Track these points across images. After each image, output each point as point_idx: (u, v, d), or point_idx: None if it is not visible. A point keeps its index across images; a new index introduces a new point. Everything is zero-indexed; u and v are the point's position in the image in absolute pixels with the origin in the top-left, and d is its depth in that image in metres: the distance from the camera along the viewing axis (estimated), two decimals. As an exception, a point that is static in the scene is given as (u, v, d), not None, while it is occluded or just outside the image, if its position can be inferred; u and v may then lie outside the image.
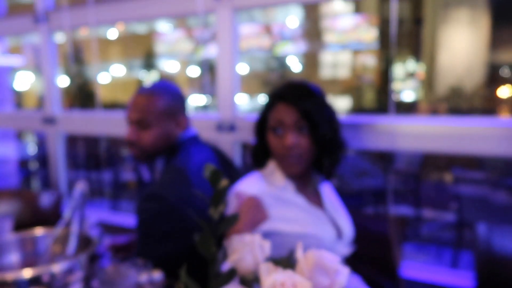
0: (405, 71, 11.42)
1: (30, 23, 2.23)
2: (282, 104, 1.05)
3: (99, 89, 12.23)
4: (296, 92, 1.06)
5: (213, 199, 0.58)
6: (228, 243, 0.59)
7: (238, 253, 0.56)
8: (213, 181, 0.58)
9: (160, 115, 1.19)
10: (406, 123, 1.45)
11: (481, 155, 1.41)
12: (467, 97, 10.35)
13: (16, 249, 0.96)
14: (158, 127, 1.19)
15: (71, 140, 4.45)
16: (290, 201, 1.07)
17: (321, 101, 1.08)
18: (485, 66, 10.43)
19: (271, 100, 1.08)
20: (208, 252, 0.57)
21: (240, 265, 0.56)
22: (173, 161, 1.18)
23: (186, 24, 12.89)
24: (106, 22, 2.10)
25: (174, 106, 1.23)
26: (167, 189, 1.07)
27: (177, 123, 1.23)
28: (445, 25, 10.99)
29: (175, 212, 1.05)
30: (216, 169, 0.58)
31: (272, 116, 1.06)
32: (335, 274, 0.54)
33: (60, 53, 2.34)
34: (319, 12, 11.85)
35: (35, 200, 1.79)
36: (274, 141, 1.06)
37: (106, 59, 14.15)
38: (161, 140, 1.20)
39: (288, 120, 1.04)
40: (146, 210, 1.06)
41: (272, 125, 1.06)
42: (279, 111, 1.05)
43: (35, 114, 2.40)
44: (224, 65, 1.76)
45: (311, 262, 0.53)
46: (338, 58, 12.21)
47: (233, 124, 1.75)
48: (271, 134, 1.07)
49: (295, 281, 0.45)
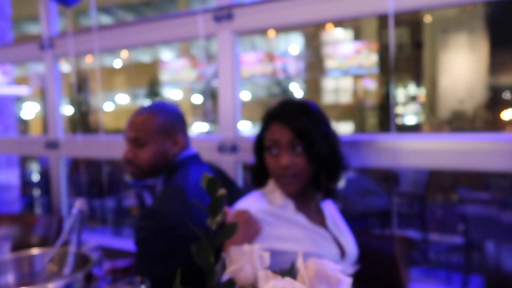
0: (406, 95, 11.50)
1: (36, 50, 2.28)
2: (277, 123, 1.05)
3: (103, 115, 12.35)
4: (290, 111, 1.05)
5: (210, 208, 0.57)
6: (226, 254, 0.57)
7: (237, 263, 0.54)
8: (210, 190, 0.57)
9: (156, 133, 1.20)
10: (408, 139, 1.44)
11: (485, 171, 1.39)
12: (469, 120, 10.36)
13: (13, 269, 0.94)
14: (154, 145, 1.19)
15: (74, 168, 4.45)
16: (291, 219, 1.05)
17: (317, 118, 1.06)
18: (485, 89, 10.50)
19: (266, 120, 1.08)
20: (205, 263, 0.56)
21: (239, 276, 0.54)
22: (171, 180, 1.17)
23: (189, 53, 13.14)
24: (110, 49, 2.14)
25: (170, 125, 1.22)
26: (166, 206, 1.05)
27: (174, 142, 1.22)
28: (445, 50, 11.14)
29: (174, 229, 1.03)
30: (213, 178, 0.57)
31: (267, 136, 1.06)
32: (337, 284, 0.52)
33: (66, 82, 2.38)
34: (320, 39, 12.07)
35: (36, 224, 1.78)
36: (271, 161, 1.05)
37: (111, 87, 14.37)
38: (158, 158, 1.20)
39: (282, 140, 1.03)
40: (145, 227, 1.04)
41: (267, 145, 1.06)
42: (273, 131, 1.05)
43: (38, 138, 2.41)
44: (226, 86, 1.78)
45: (312, 271, 0.52)
46: (339, 84, 12.34)
47: (234, 145, 1.75)
48: (268, 154, 1.06)
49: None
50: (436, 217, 4.79)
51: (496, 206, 2.92)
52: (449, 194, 5.28)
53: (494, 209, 2.84)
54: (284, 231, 1.02)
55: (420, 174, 4.11)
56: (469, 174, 5.44)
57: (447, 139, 1.41)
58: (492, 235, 2.64)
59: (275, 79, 11.86)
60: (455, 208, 4.66)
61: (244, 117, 12.34)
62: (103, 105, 14.00)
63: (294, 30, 12.08)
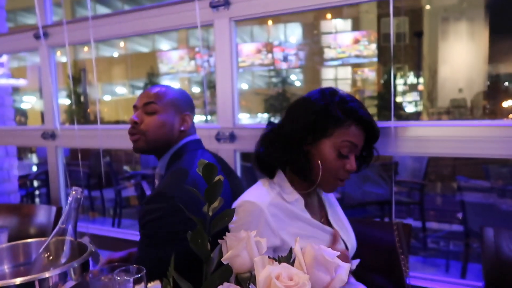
0: (406, 85, 11.46)
1: (31, 40, 2.25)
2: (357, 127, 1.01)
3: (98, 106, 12.28)
4: (372, 122, 1.03)
5: (206, 194, 0.56)
6: (223, 241, 0.57)
7: (233, 250, 0.53)
8: (206, 176, 0.56)
9: (168, 105, 1.20)
10: (407, 127, 1.43)
11: (484, 157, 1.38)
12: (468, 109, 10.34)
13: (8, 258, 0.94)
14: (163, 115, 1.19)
15: (73, 162, 4.44)
16: (299, 217, 1.03)
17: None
18: (485, 78, 10.46)
19: (345, 118, 1.00)
20: (201, 249, 0.55)
21: (235, 262, 0.53)
22: (178, 162, 1.16)
23: (187, 44, 13.05)
24: (106, 38, 2.11)
25: (182, 103, 1.24)
26: (174, 188, 1.04)
27: (182, 120, 1.23)
28: (445, 38, 11.08)
29: (182, 211, 1.01)
30: (210, 164, 0.56)
31: (345, 138, 1.00)
32: (336, 269, 0.51)
33: (64, 74, 2.35)
34: (319, 29, 11.99)
35: (34, 214, 1.77)
36: (337, 162, 1.00)
37: (109, 79, 14.29)
38: (164, 129, 1.19)
39: (359, 145, 1.02)
40: (152, 210, 1.03)
41: (344, 146, 1.00)
42: (354, 135, 1.01)
43: (35, 129, 2.40)
44: (224, 74, 1.76)
45: (309, 257, 0.51)
46: (338, 73, 12.28)
47: (233, 133, 1.74)
48: (334, 153, 1.00)
49: (291, 273, 0.43)
50: (435, 206, 4.80)
51: (495, 194, 2.92)
52: (448, 183, 5.29)
53: (493, 197, 2.85)
54: (294, 228, 1.01)
55: (419, 163, 4.10)
56: (468, 163, 5.44)
57: (446, 126, 1.40)
58: (491, 223, 2.64)
59: (274, 69, 11.79)
60: (454, 197, 4.67)
61: (243, 108, 12.28)
62: (101, 96, 13.95)
63: (292, 20, 11.99)
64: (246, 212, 0.97)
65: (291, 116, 1.05)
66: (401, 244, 1.31)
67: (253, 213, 0.96)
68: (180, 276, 0.52)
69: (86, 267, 0.88)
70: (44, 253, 0.89)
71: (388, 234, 1.33)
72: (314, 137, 1.01)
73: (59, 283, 0.81)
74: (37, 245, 0.97)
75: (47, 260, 0.89)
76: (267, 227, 0.97)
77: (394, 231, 1.32)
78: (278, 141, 1.04)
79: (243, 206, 0.98)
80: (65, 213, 0.91)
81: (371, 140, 1.07)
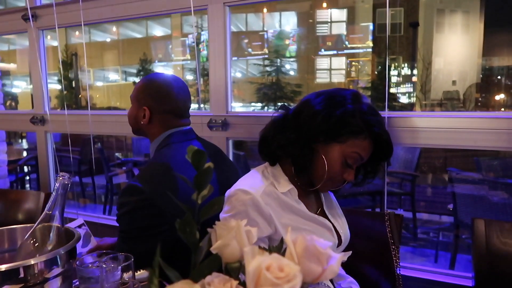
0: (399, 76, 11.46)
1: (20, 22, 2.19)
2: (371, 144, 0.99)
3: (92, 91, 12.11)
4: (389, 145, 1.02)
5: (195, 182, 0.54)
6: (212, 230, 0.55)
7: (223, 239, 0.52)
8: (195, 162, 0.54)
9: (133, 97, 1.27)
10: (400, 116, 1.42)
11: (476, 149, 1.38)
12: (460, 101, 10.39)
13: (-7, 245, 0.92)
14: (131, 108, 1.28)
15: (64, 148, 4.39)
16: (292, 207, 1.01)
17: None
18: (478, 71, 10.50)
19: (363, 130, 0.97)
20: (190, 239, 0.53)
21: (225, 252, 0.52)
22: (156, 155, 1.14)
23: (181, 31, 12.89)
24: (97, 21, 2.06)
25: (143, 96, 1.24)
26: (146, 182, 1.02)
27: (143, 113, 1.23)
28: (440, 30, 11.07)
29: (153, 206, 1.00)
30: (199, 150, 0.54)
31: (356, 150, 0.98)
32: (327, 260, 0.50)
33: (56, 58, 2.30)
34: (314, 18, 11.91)
35: (22, 200, 1.74)
36: (340, 169, 0.99)
37: (102, 64, 14.11)
38: (131, 120, 1.28)
39: (365, 159, 1.01)
40: (124, 203, 1.02)
41: (351, 157, 0.98)
42: (365, 149, 0.99)
43: (24, 114, 2.35)
44: (217, 60, 1.73)
45: (301, 247, 0.49)
46: (332, 63, 12.24)
47: (225, 121, 1.71)
48: (340, 160, 0.98)
49: (282, 264, 0.41)
50: (426, 197, 4.83)
51: (487, 186, 2.94)
52: (439, 175, 5.32)
53: (484, 189, 2.87)
54: (286, 219, 0.99)
55: (411, 154, 4.12)
56: (460, 155, 5.47)
57: (438, 117, 1.39)
58: (481, 214, 2.66)
59: (268, 58, 11.71)
60: (445, 188, 4.71)
61: (236, 97, 12.22)
62: (93, 82, 13.77)
63: (288, 8, 11.88)
64: (240, 201, 0.95)
65: (311, 109, 0.99)
66: (392, 234, 1.31)
67: (246, 202, 0.95)
68: (167, 265, 0.50)
69: (73, 254, 0.86)
70: (30, 240, 0.87)
71: (380, 224, 1.33)
72: (326, 138, 0.97)
73: (45, 270, 0.79)
74: (23, 231, 0.95)
75: (33, 247, 0.87)
76: (261, 216, 0.95)
77: (385, 222, 1.32)
78: (289, 130, 1.00)
79: (237, 195, 0.96)
80: (51, 199, 0.89)
81: (381, 158, 1.05)
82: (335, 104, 0.98)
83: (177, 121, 1.24)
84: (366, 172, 1.09)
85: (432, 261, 3.18)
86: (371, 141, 0.99)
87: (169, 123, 1.22)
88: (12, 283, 0.75)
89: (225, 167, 1.30)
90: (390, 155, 1.03)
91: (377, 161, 1.06)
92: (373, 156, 1.03)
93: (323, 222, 1.06)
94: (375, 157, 1.04)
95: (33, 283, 0.77)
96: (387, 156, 1.04)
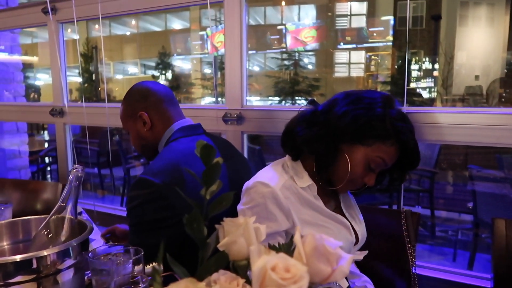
0: (420, 70, 11.22)
1: (40, 15, 2.22)
2: (397, 151, 0.97)
3: (112, 84, 12.24)
4: (415, 155, 1.01)
5: (204, 177, 0.53)
6: (220, 226, 0.54)
7: (230, 236, 0.51)
8: (204, 157, 0.53)
9: (124, 120, 1.26)
10: (417, 112, 1.38)
11: (498, 146, 1.34)
12: (483, 97, 10.11)
13: (8, 235, 0.93)
14: (131, 131, 1.25)
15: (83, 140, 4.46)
16: (311, 204, 1.00)
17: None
18: (502, 65, 10.18)
19: (391, 136, 0.95)
20: (197, 234, 0.52)
21: (232, 249, 0.51)
22: (166, 149, 1.15)
23: (200, 24, 12.91)
24: (115, 14, 2.07)
25: (130, 108, 1.23)
26: (156, 175, 1.02)
27: (140, 122, 1.21)
28: (463, 24, 10.77)
29: (163, 199, 1.00)
30: (208, 144, 0.53)
31: (380, 155, 0.96)
32: (337, 261, 0.49)
33: (76, 51, 2.33)
34: (333, 11, 11.75)
35: (40, 190, 1.77)
36: (362, 172, 0.97)
37: (121, 57, 14.28)
38: (139, 140, 1.24)
39: (389, 166, 0.99)
40: (134, 197, 1.02)
41: (375, 162, 0.97)
42: (390, 155, 0.97)
43: (44, 106, 2.39)
44: (233, 54, 1.72)
45: (310, 247, 0.48)
46: (352, 57, 12.08)
47: (240, 115, 1.70)
48: (363, 162, 0.97)
49: (288, 265, 0.40)
50: (445, 195, 4.74)
51: (508, 185, 2.86)
52: (459, 172, 5.20)
53: (506, 188, 2.78)
54: (304, 215, 0.98)
55: (431, 150, 4.03)
56: (481, 152, 5.34)
57: (458, 113, 1.35)
58: (502, 213, 2.59)
59: (286, 52, 11.62)
60: (465, 186, 4.60)
61: (254, 90, 12.19)
62: (113, 75, 13.95)
63: (306, 1, 11.75)
64: (259, 193, 0.95)
65: (342, 108, 0.98)
66: (408, 232, 1.28)
67: (265, 194, 0.94)
68: (174, 261, 0.50)
69: (85, 246, 0.87)
70: (44, 231, 0.88)
71: (396, 222, 1.30)
72: (353, 138, 0.96)
73: (58, 261, 0.80)
74: (37, 223, 0.96)
75: (46, 238, 0.88)
76: (279, 210, 0.94)
77: (402, 219, 1.29)
78: (317, 126, 0.99)
79: (256, 187, 0.96)
80: (65, 191, 0.90)
81: (406, 166, 1.03)
82: (365, 106, 0.96)
83: (177, 110, 1.25)
84: (392, 179, 1.07)
85: (450, 259, 3.12)
86: (397, 148, 0.97)
87: (170, 113, 1.22)
88: (25, 274, 0.76)
89: (236, 161, 1.29)
90: (416, 165, 1.01)
91: (402, 169, 1.04)
92: (398, 164, 1.01)
93: (341, 220, 1.04)
94: (400, 165, 1.02)
95: (46, 274, 0.78)
96: (413, 166, 1.02)
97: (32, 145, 4.50)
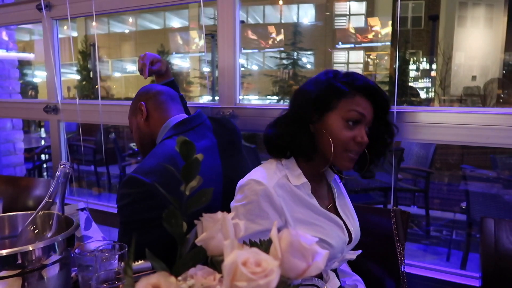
0: (418, 70, 11.24)
1: (34, 12, 2.22)
2: (363, 98, 0.99)
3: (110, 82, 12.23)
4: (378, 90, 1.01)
5: (183, 173, 0.54)
6: (199, 222, 0.54)
7: (208, 231, 0.51)
8: (183, 153, 0.53)
9: (130, 117, 1.32)
10: (409, 111, 1.38)
11: (493, 146, 1.34)
12: (481, 97, 10.13)
13: (-6, 230, 0.93)
14: (133, 125, 1.30)
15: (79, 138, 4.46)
16: (305, 201, 1.00)
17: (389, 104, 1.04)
18: (500, 66, 10.20)
19: (348, 89, 0.98)
20: (176, 230, 0.52)
21: (210, 245, 0.51)
22: (158, 147, 1.15)
23: (199, 22, 12.90)
24: (109, 11, 2.07)
25: (134, 102, 1.30)
26: (146, 174, 1.01)
27: (139, 113, 1.26)
28: (462, 24, 10.79)
29: (153, 198, 1.00)
30: (188, 141, 0.53)
31: (352, 107, 0.97)
32: (313, 256, 0.49)
33: (75, 49, 2.32)
34: (332, 11, 11.76)
35: (32, 187, 1.77)
36: (345, 132, 0.97)
37: (119, 55, 14.25)
38: (137, 133, 1.28)
39: (367, 116, 0.99)
40: (124, 195, 1.01)
41: (351, 117, 0.97)
42: (360, 105, 0.98)
43: (38, 103, 2.39)
44: (225, 52, 1.72)
45: (285, 242, 0.48)
46: (350, 57, 12.09)
47: (233, 113, 1.71)
48: (342, 124, 0.98)
49: (260, 259, 0.40)
50: (440, 194, 4.75)
51: (500, 185, 2.86)
52: (454, 172, 5.22)
53: (498, 188, 2.79)
54: (298, 213, 0.98)
55: (426, 150, 4.04)
56: (476, 152, 5.35)
57: (451, 113, 1.35)
58: (494, 213, 2.60)
59: (285, 51, 11.62)
60: (459, 186, 4.61)
61: (252, 89, 12.18)
62: (112, 72, 13.93)
63: (305, 1, 11.74)
64: (252, 190, 0.95)
65: (296, 97, 1.05)
66: (398, 231, 1.28)
67: (258, 192, 0.94)
68: (153, 256, 0.50)
69: (71, 242, 0.87)
70: (30, 227, 0.88)
71: (386, 220, 1.30)
72: (319, 113, 0.99)
73: (43, 257, 0.80)
74: (24, 218, 0.96)
75: (33, 234, 0.88)
76: (272, 208, 0.94)
77: (391, 218, 1.30)
78: (285, 122, 1.03)
79: (249, 185, 0.96)
80: (52, 187, 0.90)
81: (381, 112, 1.02)
82: (317, 81, 1.02)
83: (177, 106, 1.26)
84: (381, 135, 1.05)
85: (444, 259, 3.12)
86: (364, 96, 0.99)
87: (167, 105, 1.24)
88: (10, 269, 0.76)
89: (236, 158, 1.29)
90: (387, 99, 1.02)
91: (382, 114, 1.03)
92: (377, 114, 1.02)
93: (334, 218, 1.04)
94: (378, 113, 1.02)
95: (31, 269, 0.78)
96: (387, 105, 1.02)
97: (28, 142, 4.50)
